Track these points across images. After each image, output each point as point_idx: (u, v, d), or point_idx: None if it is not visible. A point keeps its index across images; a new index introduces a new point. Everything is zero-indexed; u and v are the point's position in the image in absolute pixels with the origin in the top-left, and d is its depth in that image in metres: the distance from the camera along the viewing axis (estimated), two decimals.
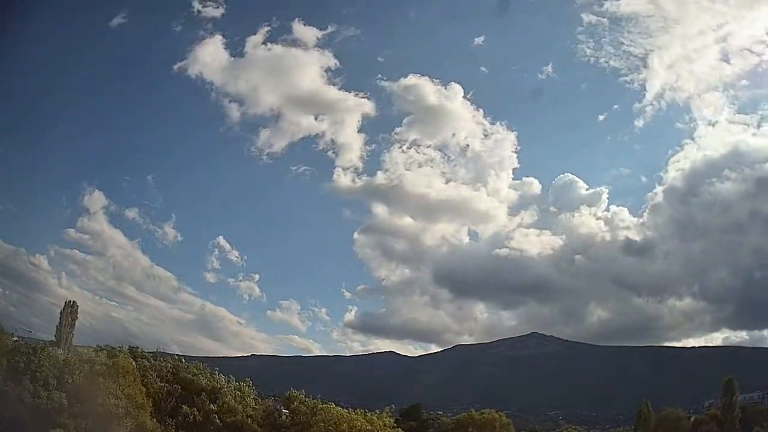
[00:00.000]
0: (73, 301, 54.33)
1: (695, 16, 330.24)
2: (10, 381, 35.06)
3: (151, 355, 49.37)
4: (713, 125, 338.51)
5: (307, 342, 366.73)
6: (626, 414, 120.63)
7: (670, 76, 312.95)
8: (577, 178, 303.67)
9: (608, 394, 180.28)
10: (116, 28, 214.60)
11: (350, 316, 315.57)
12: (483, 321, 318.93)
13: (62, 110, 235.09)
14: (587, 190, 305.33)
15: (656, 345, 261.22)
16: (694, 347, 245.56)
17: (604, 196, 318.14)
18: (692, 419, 74.28)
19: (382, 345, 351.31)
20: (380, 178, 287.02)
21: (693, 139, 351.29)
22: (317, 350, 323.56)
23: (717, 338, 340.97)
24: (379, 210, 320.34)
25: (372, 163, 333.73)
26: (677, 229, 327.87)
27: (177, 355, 54.58)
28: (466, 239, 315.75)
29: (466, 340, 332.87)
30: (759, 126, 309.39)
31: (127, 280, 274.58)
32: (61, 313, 52.13)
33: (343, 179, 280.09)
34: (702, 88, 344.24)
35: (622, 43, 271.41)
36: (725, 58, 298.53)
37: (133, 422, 37.46)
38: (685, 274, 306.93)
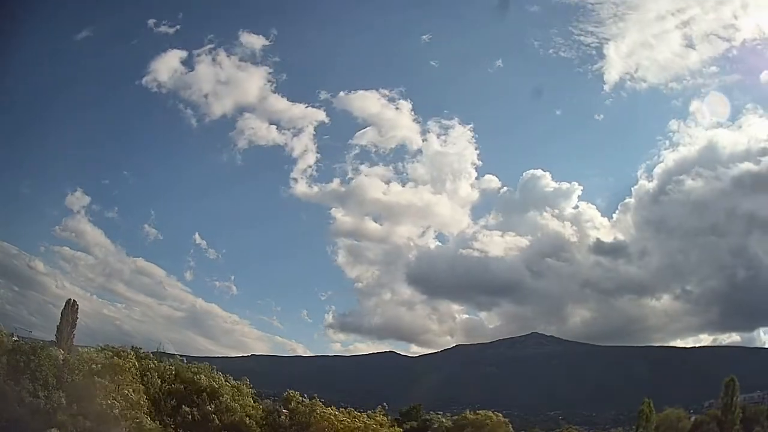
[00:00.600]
0: (74, 300, 54.31)
1: (652, 1, 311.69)
2: (10, 380, 35.09)
3: (153, 355, 49.43)
4: (684, 119, 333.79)
5: (291, 342, 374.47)
6: (626, 414, 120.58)
7: (630, 66, 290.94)
8: (543, 173, 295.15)
9: (608, 394, 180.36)
10: (84, 41, 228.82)
11: (329, 318, 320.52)
12: (462, 322, 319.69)
13: (47, 112, 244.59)
14: (555, 187, 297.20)
15: (656, 345, 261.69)
16: (694, 347, 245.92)
17: (575, 194, 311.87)
18: (692, 419, 74.27)
19: (373, 346, 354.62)
20: (336, 183, 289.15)
21: (664, 133, 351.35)
22: (300, 350, 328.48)
23: (705, 339, 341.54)
24: (340, 214, 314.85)
25: (327, 169, 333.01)
26: (651, 229, 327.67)
27: (177, 355, 54.72)
28: (432, 242, 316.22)
29: (449, 341, 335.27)
30: (734, 119, 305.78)
31: (115, 277, 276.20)
32: (62, 312, 52.09)
33: (301, 185, 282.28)
34: (667, 77, 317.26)
35: (572, 33, 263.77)
36: (690, 44, 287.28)
37: (132, 422, 37.48)
38: (663, 276, 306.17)
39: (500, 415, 66.21)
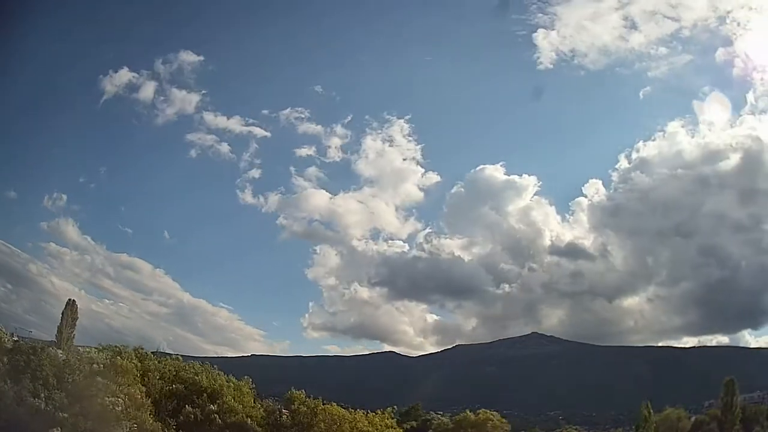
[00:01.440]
0: (74, 300, 54.44)
1: None
2: (10, 380, 35.05)
3: (154, 355, 49.43)
4: (636, 107, 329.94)
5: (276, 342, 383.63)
6: (626, 414, 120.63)
7: (565, 51, 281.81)
8: (494, 168, 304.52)
9: (608, 394, 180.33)
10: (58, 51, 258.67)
11: (305, 320, 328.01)
12: (433, 323, 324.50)
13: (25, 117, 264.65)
14: (506, 180, 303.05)
15: (656, 345, 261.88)
16: (694, 347, 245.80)
17: (530, 189, 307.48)
18: (692, 419, 74.25)
19: (348, 348, 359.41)
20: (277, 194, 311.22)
21: (617, 124, 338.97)
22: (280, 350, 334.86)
23: (690, 341, 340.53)
24: (291, 222, 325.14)
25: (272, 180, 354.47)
26: (614, 229, 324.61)
27: (177, 355, 54.68)
28: (387, 244, 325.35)
29: (422, 343, 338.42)
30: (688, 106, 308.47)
31: (100, 273, 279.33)
32: (62, 312, 52.29)
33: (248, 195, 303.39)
34: (609, 62, 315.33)
35: (504, 22, 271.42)
36: (632, 26, 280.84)
37: (133, 422, 37.46)
38: (631, 277, 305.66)
39: (498, 415, 66.25)
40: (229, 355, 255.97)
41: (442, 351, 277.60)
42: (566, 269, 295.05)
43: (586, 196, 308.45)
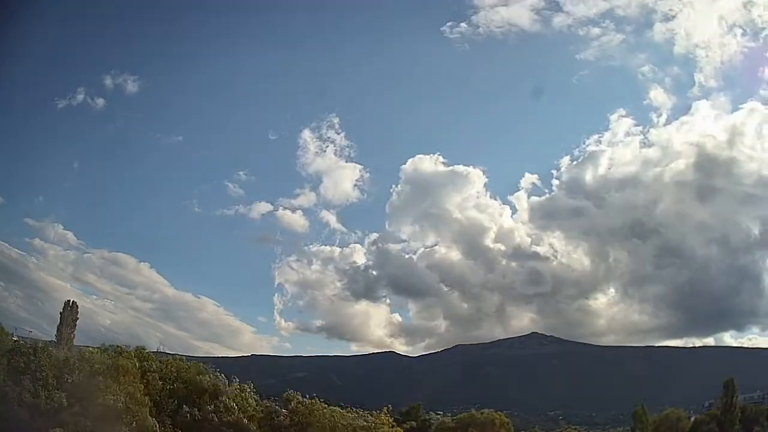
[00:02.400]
0: (74, 301, 54.66)
1: None
2: (10, 381, 35.07)
3: (154, 355, 49.43)
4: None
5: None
6: (626, 414, 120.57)
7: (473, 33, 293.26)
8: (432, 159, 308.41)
9: (608, 394, 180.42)
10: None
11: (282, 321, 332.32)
12: (400, 324, 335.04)
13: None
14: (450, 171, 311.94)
15: (656, 345, 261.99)
16: (694, 347, 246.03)
17: (478, 183, 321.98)
18: (692, 419, 74.28)
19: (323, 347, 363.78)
20: None
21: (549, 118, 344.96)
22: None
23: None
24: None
25: None
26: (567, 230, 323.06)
27: (177, 354, 54.69)
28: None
29: (395, 345, 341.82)
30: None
31: (83, 267, 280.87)
32: (61, 313, 52.52)
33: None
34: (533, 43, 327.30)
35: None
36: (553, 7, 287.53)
37: (133, 422, 37.46)
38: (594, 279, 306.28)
39: (503, 414, 66.22)
40: (230, 355, 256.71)
41: (442, 351, 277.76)
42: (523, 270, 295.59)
43: (527, 192, 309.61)
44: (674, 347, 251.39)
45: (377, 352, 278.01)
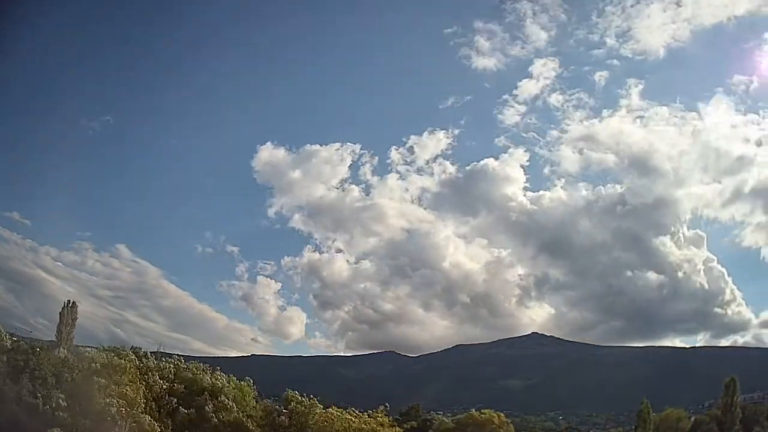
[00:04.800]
0: (73, 301, 54.29)
1: None
2: (9, 380, 35.00)
3: (153, 355, 49.39)
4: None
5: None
6: (626, 414, 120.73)
7: None
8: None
9: (608, 394, 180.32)
10: None
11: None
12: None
13: None
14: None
15: (656, 345, 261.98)
16: (694, 347, 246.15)
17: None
18: (692, 419, 74.21)
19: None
20: None
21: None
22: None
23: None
24: None
25: None
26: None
27: (177, 355, 54.61)
28: None
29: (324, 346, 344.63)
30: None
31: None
32: (61, 312, 52.26)
33: None
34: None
35: None
36: None
37: (132, 421, 37.40)
38: None
39: (502, 414, 66.08)
40: (231, 355, 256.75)
41: (442, 351, 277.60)
42: None
43: None
44: (674, 347, 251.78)
45: (377, 352, 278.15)
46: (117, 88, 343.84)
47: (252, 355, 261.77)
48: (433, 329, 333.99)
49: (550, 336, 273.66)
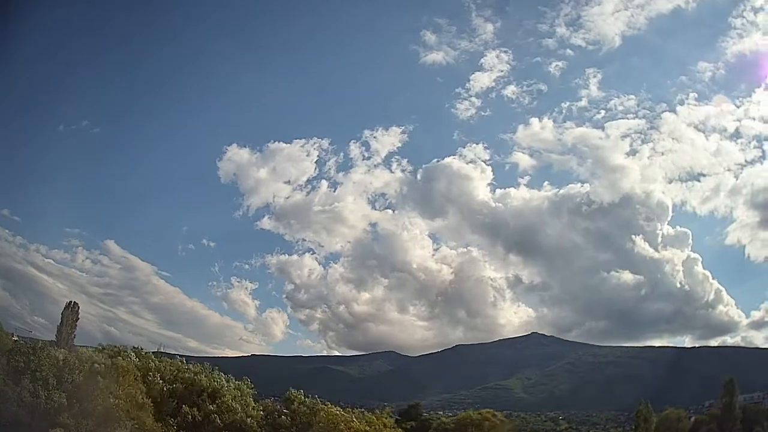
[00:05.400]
0: (75, 302, 54.33)
1: None
2: (10, 381, 35.01)
3: (153, 355, 49.45)
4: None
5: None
6: (626, 414, 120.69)
7: None
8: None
9: (608, 394, 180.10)
10: None
11: None
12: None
13: None
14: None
15: (656, 345, 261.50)
16: (694, 347, 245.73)
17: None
18: (692, 419, 74.24)
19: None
20: None
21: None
22: None
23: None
24: None
25: None
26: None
27: (178, 355, 54.70)
28: None
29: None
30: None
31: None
32: (62, 313, 52.28)
33: None
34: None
35: None
36: None
37: (133, 422, 37.43)
38: None
39: (502, 414, 66.17)
40: (230, 355, 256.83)
41: (442, 351, 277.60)
42: None
43: None
44: (674, 347, 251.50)
45: (377, 352, 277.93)
46: (102, 91, 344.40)
47: (252, 355, 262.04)
48: (412, 330, 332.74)
49: (550, 336, 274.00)
